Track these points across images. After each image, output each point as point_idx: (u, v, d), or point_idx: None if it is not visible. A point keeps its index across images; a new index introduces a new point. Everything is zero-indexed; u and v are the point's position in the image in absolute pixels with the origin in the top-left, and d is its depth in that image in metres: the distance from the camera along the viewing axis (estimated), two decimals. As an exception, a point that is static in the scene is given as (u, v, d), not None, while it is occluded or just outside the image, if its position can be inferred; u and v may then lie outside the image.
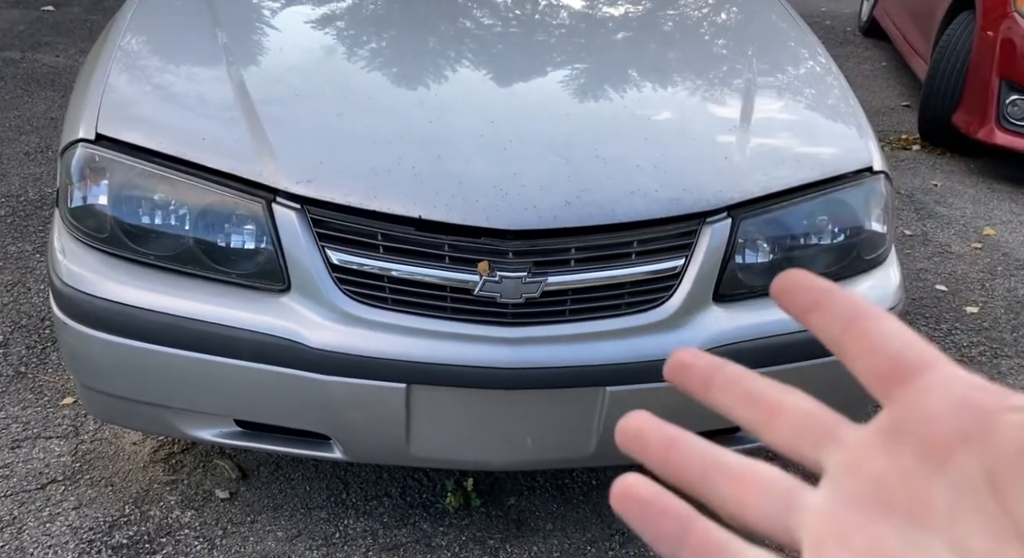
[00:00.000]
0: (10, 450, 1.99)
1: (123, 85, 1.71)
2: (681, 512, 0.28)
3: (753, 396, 0.29)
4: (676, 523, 0.27)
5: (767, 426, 0.28)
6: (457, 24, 2.11)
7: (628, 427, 0.30)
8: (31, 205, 3.04)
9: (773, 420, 0.28)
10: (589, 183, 1.57)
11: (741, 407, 0.29)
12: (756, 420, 0.28)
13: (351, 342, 1.50)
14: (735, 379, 0.29)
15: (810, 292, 0.28)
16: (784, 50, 2.21)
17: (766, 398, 0.28)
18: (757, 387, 0.29)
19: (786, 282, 0.29)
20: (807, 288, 0.29)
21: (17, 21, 4.92)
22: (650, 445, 0.29)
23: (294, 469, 2.02)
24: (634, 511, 0.28)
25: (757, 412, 0.28)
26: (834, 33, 6.29)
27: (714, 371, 0.30)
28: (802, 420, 0.27)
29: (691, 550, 0.27)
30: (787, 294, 0.29)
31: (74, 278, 1.55)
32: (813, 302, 0.28)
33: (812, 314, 0.28)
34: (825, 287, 0.28)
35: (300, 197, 1.50)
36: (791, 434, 0.27)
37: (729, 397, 0.29)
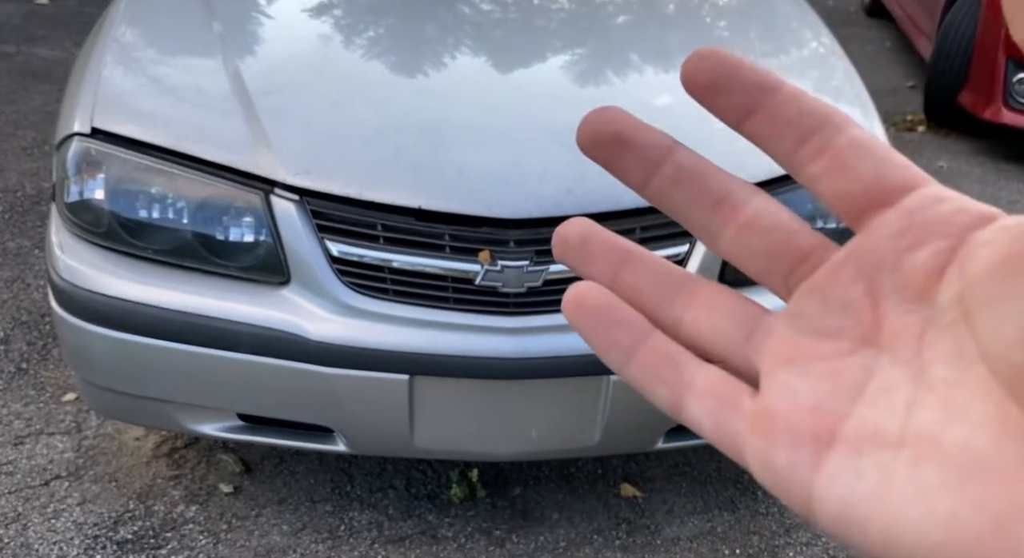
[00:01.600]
0: (13, 447, 1.99)
1: (118, 78, 1.68)
2: (636, 324, 0.25)
3: (718, 200, 0.24)
4: (628, 335, 0.25)
5: (733, 240, 0.24)
6: (455, 11, 2.08)
7: (570, 233, 0.26)
8: (29, 200, 3.02)
9: (741, 234, 0.24)
10: (590, 170, 1.54)
11: (699, 210, 0.24)
12: (717, 230, 0.24)
13: (353, 334, 1.48)
14: (692, 171, 0.24)
15: (746, 90, 0.22)
16: (787, 31, 2.18)
17: (735, 206, 0.24)
18: (721, 186, 0.24)
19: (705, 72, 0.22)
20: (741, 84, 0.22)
21: (12, 14, 4.89)
22: (597, 257, 0.26)
23: (298, 462, 2.01)
24: (586, 321, 0.25)
25: (722, 221, 0.24)
26: (837, 14, 6.23)
27: (665, 156, 0.24)
28: (778, 239, 0.23)
29: (639, 363, 0.25)
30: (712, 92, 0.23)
31: (72, 273, 1.54)
32: (752, 104, 0.23)
33: (751, 120, 0.23)
34: (767, 83, 0.22)
35: (298, 189, 1.48)
36: (761, 255, 0.24)
37: (684, 195, 0.24)
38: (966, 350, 0.20)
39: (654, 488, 2.02)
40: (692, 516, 1.95)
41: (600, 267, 0.26)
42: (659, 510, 1.96)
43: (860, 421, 0.21)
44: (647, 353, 0.25)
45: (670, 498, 1.99)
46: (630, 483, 2.02)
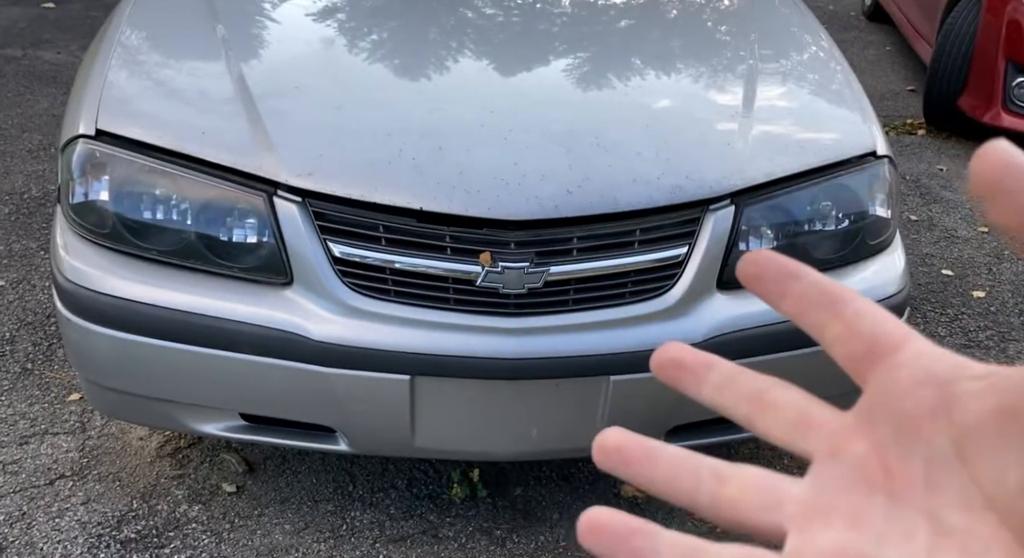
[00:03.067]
0: (18, 446, 2.00)
1: (123, 80, 1.70)
2: (646, 528, 0.28)
3: (749, 395, 0.29)
4: (644, 541, 0.27)
5: (763, 421, 0.28)
6: (457, 14, 2.10)
7: (607, 444, 0.30)
8: (34, 202, 3.04)
9: (766, 414, 0.28)
10: (590, 172, 1.56)
11: (738, 406, 0.29)
12: (752, 417, 0.29)
13: (354, 334, 1.49)
14: (730, 378, 0.29)
15: (779, 279, 0.28)
16: (787, 35, 2.19)
17: (762, 395, 0.29)
18: (752, 385, 0.29)
19: (752, 267, 0.29)
20: (775, 274, 0.28)
21: (18, 18, 4.92)
22: (633, 460, 0.29)
23: (300, 462, 2.02)
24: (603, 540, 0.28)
25: (753, 410, 0.29)
26: (837, 18, 6.24)
27: (707, 369, 0.30)
28: (793, 413, 0.28)
29: None
30: (756, 280, 0.29)
31: (77, 274, 1.56)
32: (783, 289, 0.28)
33: (785, 301, 0.28)
34: (792, 271, 0.28)
35: (301, 190, 1.50)
36: (783, 426, 0.28)
37: (727, 397, 0.29)
38: (972, 497, 0.23)
39: (654, 488, 2.03)
40: (692, 516, 1.96)
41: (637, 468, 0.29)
42: (659, 510, 1.97)
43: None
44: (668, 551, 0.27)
45: (670, 498, 2.00)
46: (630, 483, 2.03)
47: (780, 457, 2.13)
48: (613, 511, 0.28)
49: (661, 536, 0.27)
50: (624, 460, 0.29)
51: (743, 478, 0.28)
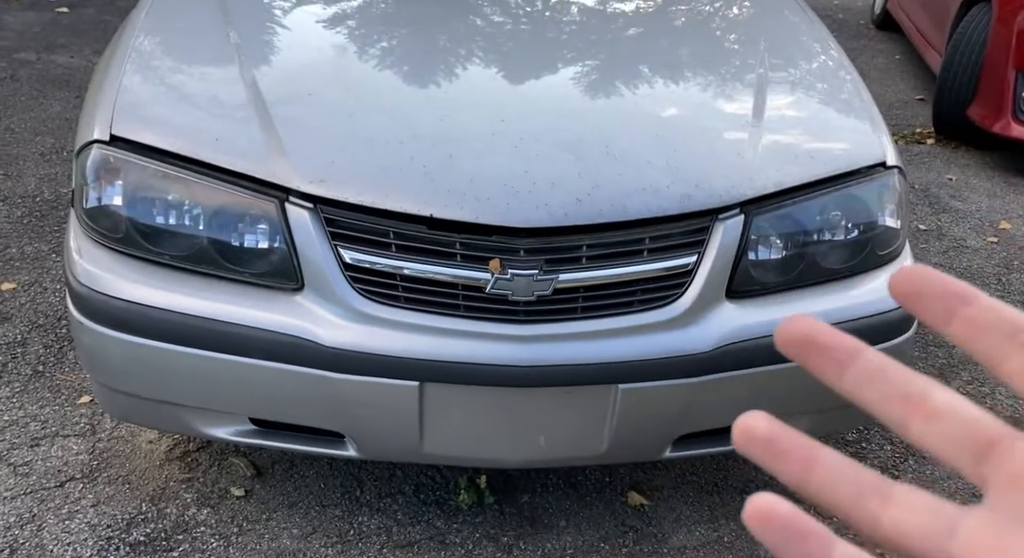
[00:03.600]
0: (29, 448, 2.02)
1: (137, 86, 1.72)
2: (822, 535, 0.26)
3: (903, 394, 0.26)
4: (819, 546, 0.26)
5: (922, 431, 0.26)
6: (467, 22, 2.11)
7: (752, 430, 0.27)
8: (47, 205, 3.06)
9: (930, 425, 0.26)
10: (600, 180, 1.56)
11: (889, 405, 0.27)
12: (907, 422, 0.26)
13: (364, 340, 1.50)
14: (879, 370, 0.27)
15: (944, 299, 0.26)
16: (796, 45, 2.20)
17: (921, 398, 0.26)
18: (906, 382, 0.26)
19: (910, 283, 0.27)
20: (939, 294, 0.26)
21: (32, 23, 4.96)
22: (788, 458, 0.27)
23: (308, 467, 2.03)
24: (775, 532, 0.26)
25: (910, 414, 0.26)
26: (847, 26, 6.24)
27: (852, 357, 0.27)
28: (964, 428, 0.25)
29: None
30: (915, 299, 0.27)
31: (90, 278, 1.57)
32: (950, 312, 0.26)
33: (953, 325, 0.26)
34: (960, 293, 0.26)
35: (313, 196, 1.51)
36: (948, 441, 0.25)
37: (875, 392, 0.27)
38: None
39: (661, 496, 2.03)
40: (699, 525, 1.96)
41: (790, 466, 0.27)
42: (666, 518, 1.97)
43: None
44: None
45: (677, 507, 2.00)
46: (637, 491, 2.03)
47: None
48: (790, 505, 0.26)
49: (836, 546, 0.26)
50: (776, 454, 0.27)
51: (909, 499, 0.26)
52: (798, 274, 1.67)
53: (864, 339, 0.28)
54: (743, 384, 1.60)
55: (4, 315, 2.47)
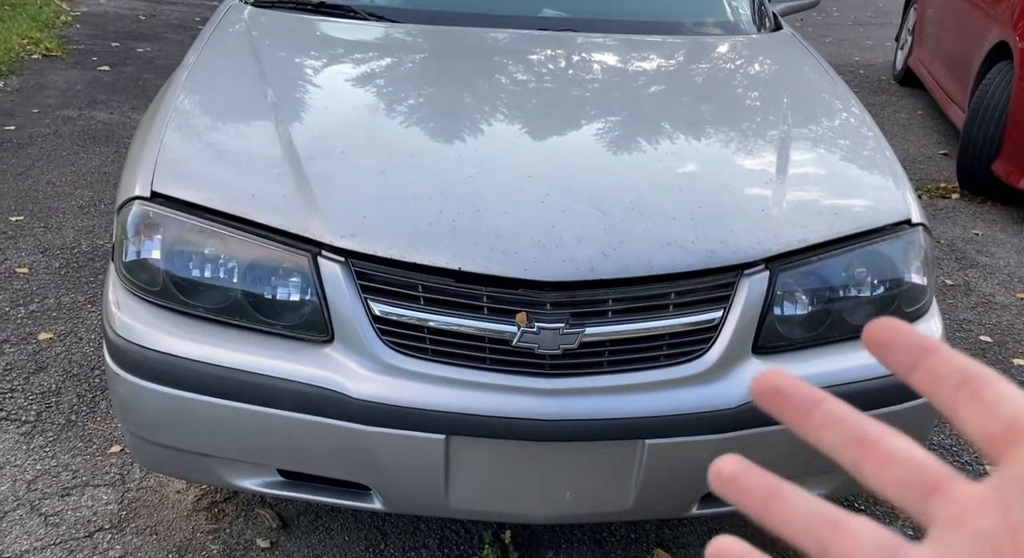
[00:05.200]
0: (60, 498, 2.04)
1: (177, 144, 1.78)
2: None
3: (859, 439, 0.28)
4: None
5: (874, 473, 0.28)
6: (493, 81, 2.17)
7: (723, 471, 0.30)
8: (84, 257, 3.15)
9: (881, 467, 0.27)
10: (625, 235, 1.59)
11: (845, 449, 0.28)
12: (861, 465, 0.28)
13: (391, 393, 1.52)
14: (838, 417, 0.28)
15: (909, 350, 0.28)
16: (818, 102, 2.23)
17: (874, 442, 0.28)
18: (863, 429, 0.28)
19: (881, 334, 0.28)
20: (905, 345, 0.28)
21: (76, 81, 5.16)
22: (749, 492, 0.29)
23: (333, 519, 2.03)
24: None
25: (864, 457, 0.28)
26: (868, 82, 6.30)
27: (815, 405, 0.29)
28: (911, 470, 0.27)
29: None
30: (884, 349, 0.28)
31: (127, 330, 1.61)
32: (914, 362, 0.28)
33: (917, 375, 0.28)
34: (926, 345, 0.28)
35: (344, 250, 1.55)
36: (898, 484, 0.27)
37: (832, 436, 0.28)
38: None
39: (688, 554, 2.00)
40: None
41: (753, 500, 0.29)
42: (693, 577, 1.94)
43: None
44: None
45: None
46: (664, 549, 2.00)
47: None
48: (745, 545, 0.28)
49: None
50: (740, 490, 0.29)
51: (858, 530, 0.27)
52: (825, 330, 1.67)
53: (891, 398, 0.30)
54: (770, 441, 1.59)
55: (40, 364, 2.52)
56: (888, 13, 9.12)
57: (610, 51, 2.42)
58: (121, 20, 6.76)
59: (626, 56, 2.39)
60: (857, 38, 7.94)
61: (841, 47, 7.45)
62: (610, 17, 2.58)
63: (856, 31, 8.30)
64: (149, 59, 5.71)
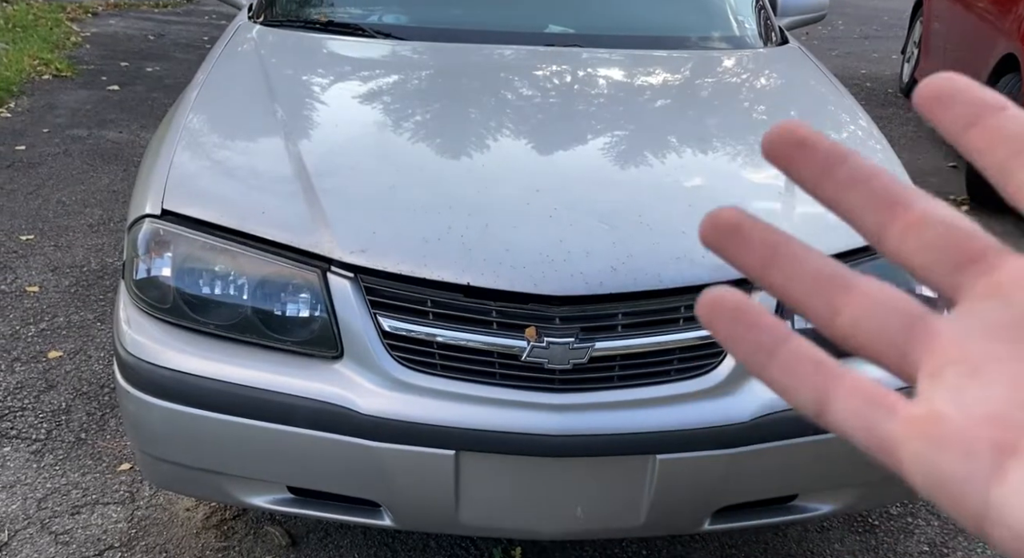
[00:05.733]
0: (70, 516, 2.04)
1: (188, 162, 1.79)
2: (775, 327, 0.24)
3: (886, 198, 0.24)
4: (768, 336, 0.24)
5: (900, 236, 0.24)
6: (500, 96, 2.18)
7: (720, 219, 0.25)
8: (93, 275, 3.16)
9: (911, 230, 0.23)
10: (634, 249, 1.59)
11: (869, 209, 0.24)
12: (885, 229, 0.24)
13: (401, 408, 1.52)
14: (866, 174, 0.25)
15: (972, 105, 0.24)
16: (825, 114, 2.23)
17: (906, 205, 0.24)
18: (890, 187, 0.24)
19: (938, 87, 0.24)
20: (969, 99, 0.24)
21: (85, 100, 5.20)
22: (751, 244, 0.25)
23: (343, 536, 2.02)
24: (723, 322, 0.25)
25: (889, 220, 0.24)
26: (875, 95, 6.31)
27: (839, 160, 0.25)
28: (949, 234, 0.23)
29: (780, 364, 0.24)
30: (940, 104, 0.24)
31: (138, 347, 1.61)
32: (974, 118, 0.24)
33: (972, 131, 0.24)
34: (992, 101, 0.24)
35: (354, 266, 1.55)
36: (930, 248, 0.23)
37: (856, 196, 0.24)
38: None
39: (700, 571, 1.98)
40: None
41: (752, 256, 0.25)
42: (706, 594, 1.92)
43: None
44: (789, 354, 0.24)
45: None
46: (676, 565, 1.98)
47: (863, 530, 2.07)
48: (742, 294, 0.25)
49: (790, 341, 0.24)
50: (739, 242, 0.25)
51: (873, 291, 0.24)
52: None
53: None
54: (783, 455, 1.57)
55: (50, 383, 2.52)
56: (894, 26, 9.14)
57: (616, 66, 2.43)
58: (131, 40, 6.83)
59: (632, 71, 2.40)
60: (863, 51, 7.96)
61: (848, 60, 7.46)
62: (616, 33, 2.59)
63: (862, 44, 8.32)
64: (158, 78, 5.76)
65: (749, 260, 0.25)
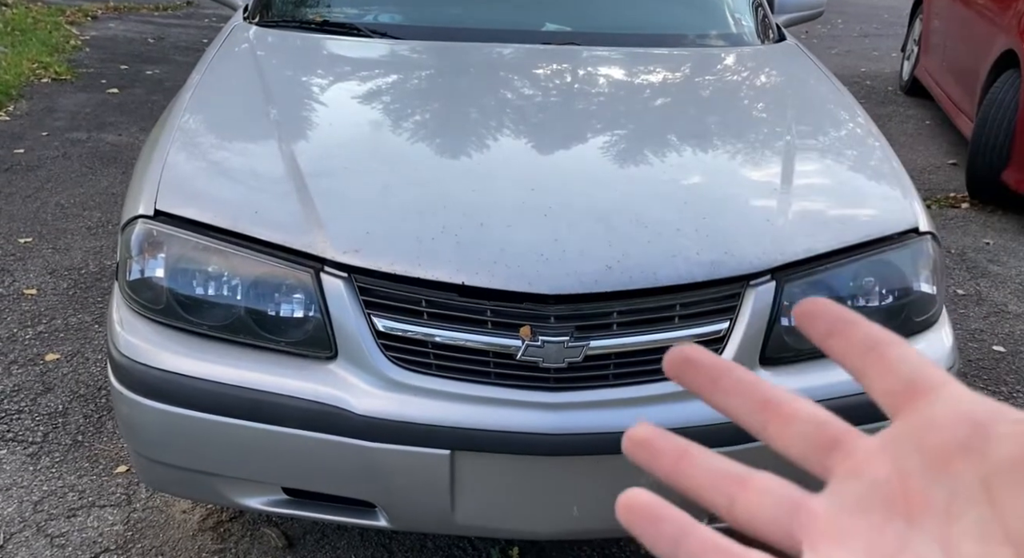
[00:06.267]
0: (66, 519, 2.03)
1: (181, 163, 1.79)
2: (680, 519, 0.29)
3: (764, 402, 0.30)
4: (674, 527, 0.29)
5: (778, 432, 0.29)
6: (497, 95, 2.17)
7: (636, 435, 0.31)
8: (91, 277, 3.16)
9: (785, 426, 0.29)
10: (630, 247, 1.58)
11: (752, 413, 0.30)
12: (766, 426, 0.29)
13: (396, 408, 1.51)
14: (746, 384, 0.30)
15: (831, 320, 0.30)
16: (823, 112, 2.22)
17: (778, 404, 0.29)
18: (768, 393, 0.30)
19: (809, 308, 0.30)
20: (829, 315, 0.30)
21: (84, 103, 5.20)
22: (660, 454, 0.30)
23: (339, 537, 2.01)
24: (636, 518, 0.29)
25: (769, 418, 0.29)
26: (875, 93, 6.29)
27: (723, 372, 0.31)
28: (813, 426, 0.29)
29: (687, 551, 0.28)
30: (809, 319, 0.30)
31: (131, 349, 1.60)
32: (832, 329, 0.30)
33: (832, 340, 0.30)
34: (847, 317, 0.30)
35: (347, 266, 1.54)
36: (801, 440, 0.29)
37: (739, 401, 0.30)
38: (991, 530, 0.23)
39: (699, 571, 1.97)
40: None
41: (664, 463, 0.30)
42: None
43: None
44: (693, 542, 0.28)
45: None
46: (674, 565, 1.97)
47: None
48: (651, 494, 0.29)
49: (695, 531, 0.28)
50: (652, 453, 0.30)
51: (764, 484, 0.28)
52: None
53: None
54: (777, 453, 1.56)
55: (47, 385, 2.52)
56: (894, 24, 9.12)
57: (613, 64, 2.42)
58: (130, 43, 6.83)
59: (629, 69, 2.39)
60: (863, 49, 7.94)
61: (847, 58, 7.45)
62: (613, 31, 2.58)
63: (862, 42, 8.30)
64: (157, 81, 5.76)
65: (662, 465, 0.30)
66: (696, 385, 0.31)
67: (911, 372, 0.28)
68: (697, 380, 0.31)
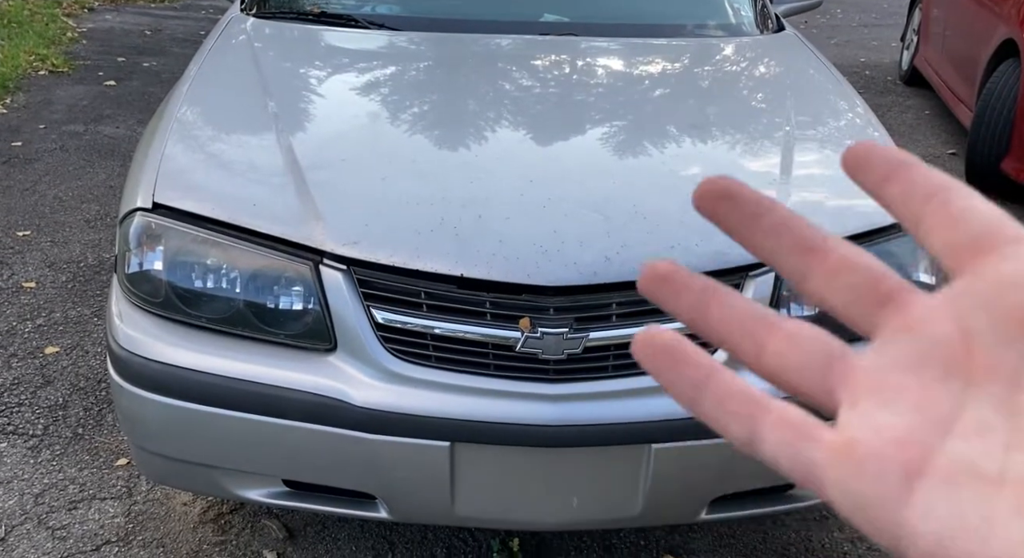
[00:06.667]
0: (67, 511, 2.04)
1: (179, 155, 1.78)
2: (704, 361, 0.26)
3: (805, 244, 0.26)
4: (698, 370, 0.26)
5: (823, 280, 0.26)
6: (496, 87, 2.17)
7: (656, 270, 0.28)
8: (90, 270, 3.15)
9: (832, 274, 0.26)
10: (629, 239, 1.58)
11: (789, 255, 0.26)
12: (808, 273, 0.26)
13: (395, 400, 1.51)
14: (785, 223, 0.27)
15: (886, 163, 0.26)
16: (823, 103, 2.22)
17: (826, 251, 0.26)
18: (809, 235, 0.26)
19: (861, 151, 0.27)
20: (885, 158, 0.26)
21: (82, 96, 5.19)
22: (683, 292, 0.27)
23: (340, 529, 2.02)
24: (656, 359, 0.26)
25: (809, 263, 0.26)
26: (874, 83, 6.28)
27: (767, 210, 0.27)
28: (865, 277, 0.25)
29: (710, 398, 0.26)
30: (863, 164, 0.26)
31: (130, 342, 1.60)
32: (890, 174, 0.26)
33: (889, 186, 0.26)
34: (905, 160, 0.26)
35: (346, 258, 1.54)
36: (849, 289, 0.25)
37: (777, 242, 0.27)
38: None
39: (699, 560, 1.98)
40: None
41: (686, 301, 0.27)
42: (704, 583, 1.91)
43: (952, 455, 0.21)
44: (718, 388, 0.26)
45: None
46: (673, 555, 1.98)
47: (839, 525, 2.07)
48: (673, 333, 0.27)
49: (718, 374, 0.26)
50: (674, 291, 0.27)
51: (796, 329, 0.25)
52: (833, 330, 1.65)
53: None
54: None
55: (47, 378, 2.52)
56: (893, 14, 9.09)
57: (611, 55, 2.41)
58: (127, 35, 6.80)
59: (628, 60, 2.38)
60: (862, 39, 7.92)
61: (846, 48, 7.43)
62: (611, 21, 2.58)
63: (861, 32, 8.28)
64: (155, 73, 5.74)
65: (684, 304, 0.27)
66: (732, 222, 0.27)
67: (980, 224, 0.24)
68: (733, 216, 0.27)
